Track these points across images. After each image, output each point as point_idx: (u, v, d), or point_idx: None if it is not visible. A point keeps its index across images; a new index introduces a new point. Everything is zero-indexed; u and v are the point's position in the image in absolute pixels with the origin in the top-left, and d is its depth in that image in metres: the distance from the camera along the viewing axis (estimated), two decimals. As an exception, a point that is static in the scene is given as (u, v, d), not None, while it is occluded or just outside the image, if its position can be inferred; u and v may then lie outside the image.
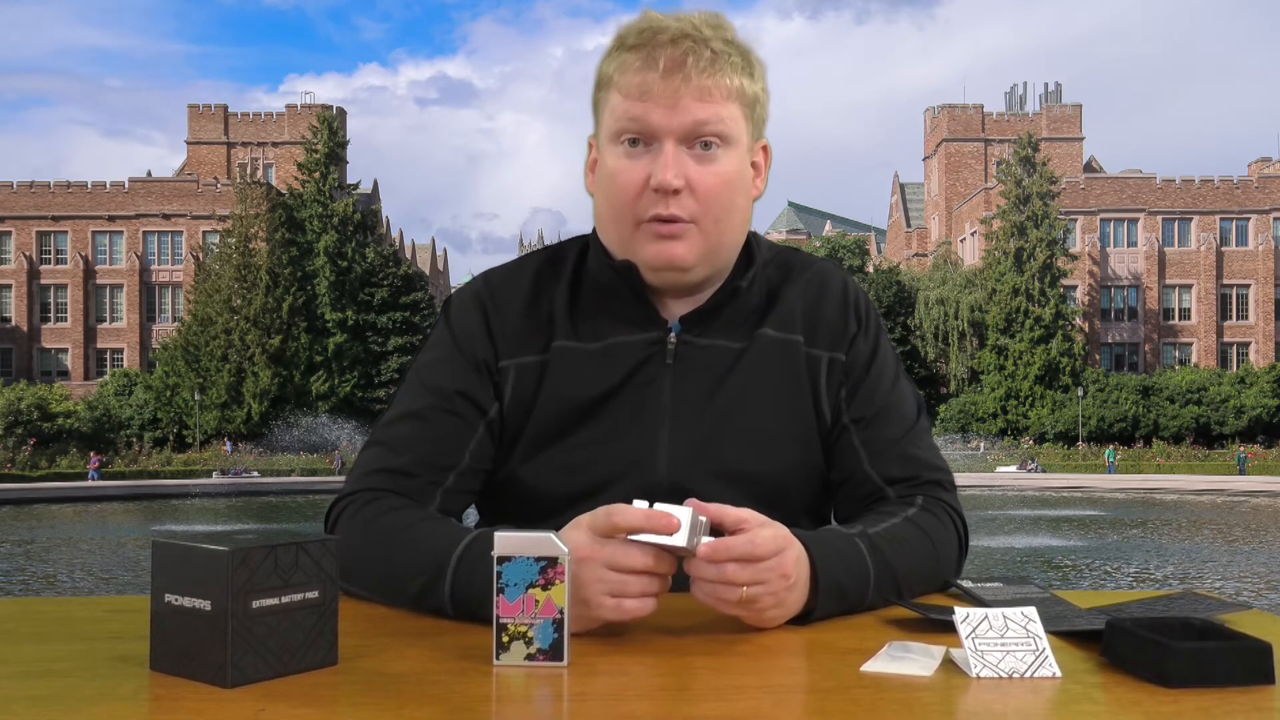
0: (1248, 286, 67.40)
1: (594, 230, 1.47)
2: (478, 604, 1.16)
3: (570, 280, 1.45)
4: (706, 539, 1.11)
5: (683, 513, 1.09)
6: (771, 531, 1.14)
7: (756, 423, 1.40)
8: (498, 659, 1.00)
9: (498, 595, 1.01)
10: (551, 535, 1.02)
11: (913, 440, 1.46)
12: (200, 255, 65.64)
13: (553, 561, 1.01)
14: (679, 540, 1.08)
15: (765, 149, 1.45)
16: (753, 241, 1.47)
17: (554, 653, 1.00)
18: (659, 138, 1.33)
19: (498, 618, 1.01)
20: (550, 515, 1.39)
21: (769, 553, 1.12)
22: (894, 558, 1.28)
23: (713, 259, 1.39)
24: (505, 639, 1.00)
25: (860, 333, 1.47)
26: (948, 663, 1.00)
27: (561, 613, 1.00)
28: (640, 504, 1.10)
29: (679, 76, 1.31)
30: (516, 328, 1.43)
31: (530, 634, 1.00)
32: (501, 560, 1.01)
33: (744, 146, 1.38)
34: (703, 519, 1.11)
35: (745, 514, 1.14)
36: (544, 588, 1.01)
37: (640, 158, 1.34)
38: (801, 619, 1.18)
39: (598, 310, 1.43)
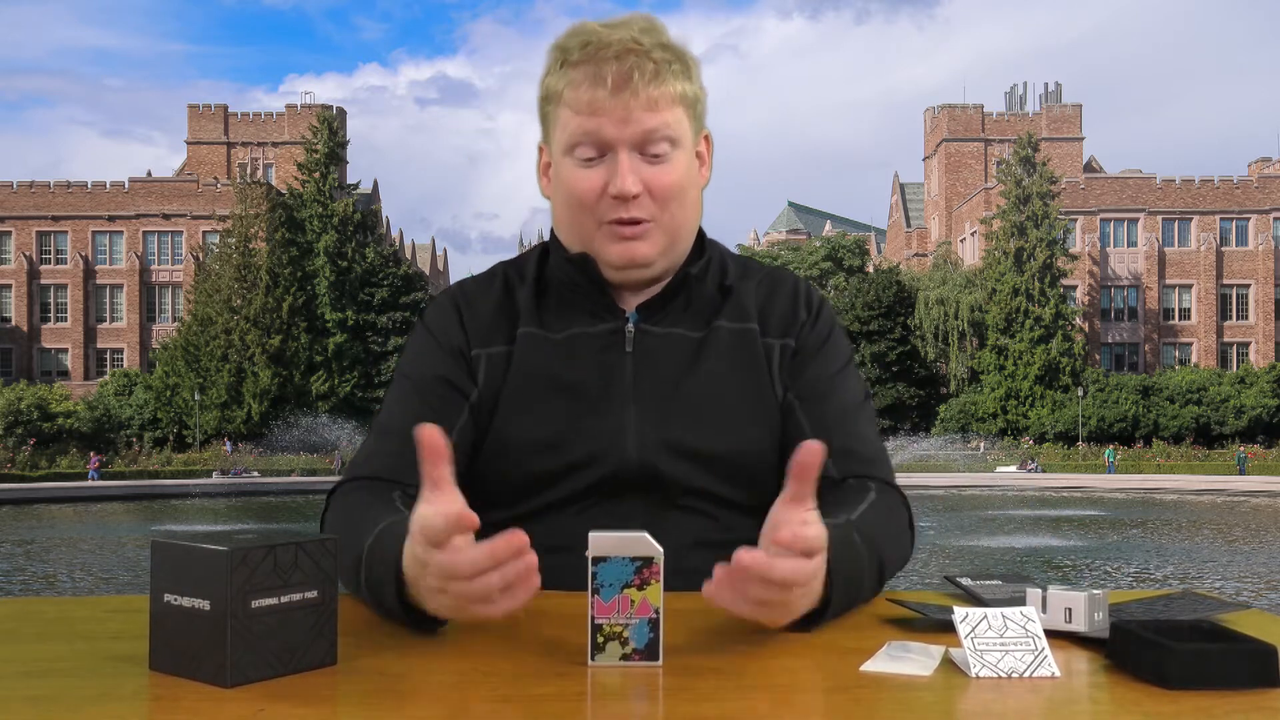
0: (1248, 286, 67.44)
1: (551, 233, 1.56)
2: (377, 590, 1.16)
3: (534, 279, 1.54)
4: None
5: (1076, 598, 1.09)
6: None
7: (719, 406, 1.46)
8: (593, 659, 1.00)
9: (593, 596, 1.00)
10: (646, 535, 1.01)
11: (855, 418, 1.51)
12: (200, 255, 65.71)
13: (648, 561, 1.01)
14: (1077, 625, 1.08)
15: (707, 139, 1.55)
16: (702, 232, 1.56)
17: (649, 652, 1.00)
18: (613, 148, 1.42)
19: (593, 618, 1.00)
20: (529, 496, 1.45)
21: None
22: (880, 543, 1.29)
23: (671, 252, 1.49)
24: (600, 639, 1.00)
25: (810, 320, 1.54)
26: (947, 662, 1.00)
27: (657, 612, 1.00)
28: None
29: (627, 92, 1.39)
30: (487, 322, 1.52)
31: (626, 634, 1.00)
32: (597, 561, 1.00)
33: (689, 144, 1.47)
34: (1100, 594, 1.09)
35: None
36: (639, 588, 1.00)
37: (595, 167, 1.43)
38: (814, 617, 1.14)
39: (560, 305, 1.51)
